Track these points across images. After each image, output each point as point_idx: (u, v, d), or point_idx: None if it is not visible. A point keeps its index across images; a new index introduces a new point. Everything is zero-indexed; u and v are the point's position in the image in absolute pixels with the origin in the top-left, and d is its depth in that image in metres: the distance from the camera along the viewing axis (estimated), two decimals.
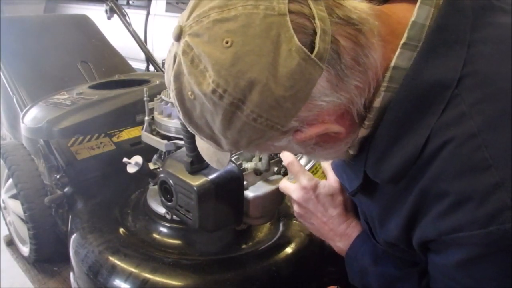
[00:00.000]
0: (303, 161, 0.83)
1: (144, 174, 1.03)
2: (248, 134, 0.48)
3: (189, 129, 0.52)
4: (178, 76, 0.47)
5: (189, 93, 0.46)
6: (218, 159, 0.64)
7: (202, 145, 0.63)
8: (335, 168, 0.72)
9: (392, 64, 0.49)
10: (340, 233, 0.76)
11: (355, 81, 0.47)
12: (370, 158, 0.54)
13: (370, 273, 0.70)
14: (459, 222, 0.46)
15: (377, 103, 0.50)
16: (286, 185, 0.82)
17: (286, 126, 0.47)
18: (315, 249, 1.11)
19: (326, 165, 0.81)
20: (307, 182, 0.77)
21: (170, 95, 0.51)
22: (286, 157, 0.81)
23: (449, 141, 0.46)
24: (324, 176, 0.81)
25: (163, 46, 4.31)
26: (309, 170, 0.81)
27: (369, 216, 0.64)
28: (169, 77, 0.49)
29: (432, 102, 0.48)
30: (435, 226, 0.49)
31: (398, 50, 0.48)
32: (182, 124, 0.84)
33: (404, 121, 0.49)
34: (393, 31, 0.49)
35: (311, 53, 0.43)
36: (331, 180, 0.78)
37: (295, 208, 0.81)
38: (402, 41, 0.48)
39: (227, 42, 0.43)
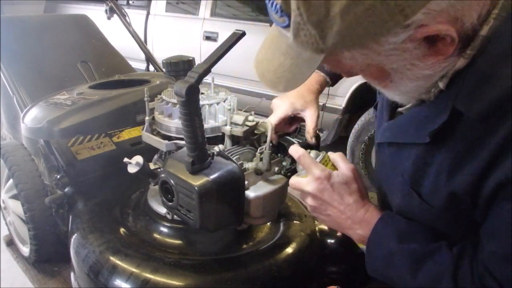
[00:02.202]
0: (312, 154, 0.83)
1: (145, 174, 1.03)
2: (371, 20, 0.47)
3: (296, 11, 0.50)
4: None
5: None
6: (293, 76, 0.59)
7: (276, 62, 0.60)
8: (389, 128, 0.72)
9: None
10: (359, 220, 0.75)
11: None
12: (463, 90, 0.54)
13: (396, 254, 0.69)
14: None
15: (484, 31, 0.51)
16: (298, 180, 0.81)
17: (411, 17, 0.47)
18: (316, 249, 1.11)
19: (336, 157, 0.81)
20: (321, 172, 0.76)
21: None
22: (296, 151, 0.80)
23: None
24: (334, 168, 0.80)
25: (163, 46, 4.30)
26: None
27: (436, 166, 0.62)
28: None
29: None
30: None
31: None
32: (183, 124, 0.84)
33: (508, 53, 0.50)
34: None
35: None
36: (343, 169, 0.77)
37: (310, 201, 0.79)
38: None
39: None
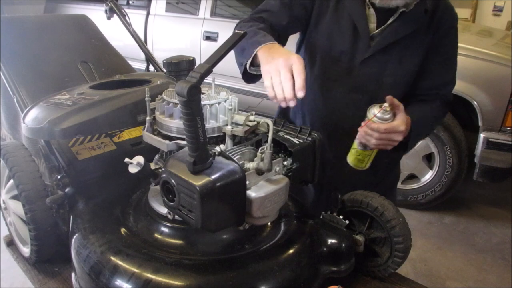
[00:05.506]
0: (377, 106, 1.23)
1: (146, 174, 1.03)
2: None
3: None
4: None
5: None
6: None
7: None
8: (386, 35, 1.41)
9: None
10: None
11: None
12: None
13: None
14: None
15: None
16: (391, 124, 1.17)
17: None
18: (316, 249, 1.11)
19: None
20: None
21: None
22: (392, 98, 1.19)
23: None
24: None
25: (163, 46, 4.30)
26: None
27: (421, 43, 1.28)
28: None
29: None
30: None
31: None
32: (185, 124, 0.84)
33: None
34: None
35: None
36: (402, 106, 1.23)
37: (399, 137, 1.20)
38: None
39: None
